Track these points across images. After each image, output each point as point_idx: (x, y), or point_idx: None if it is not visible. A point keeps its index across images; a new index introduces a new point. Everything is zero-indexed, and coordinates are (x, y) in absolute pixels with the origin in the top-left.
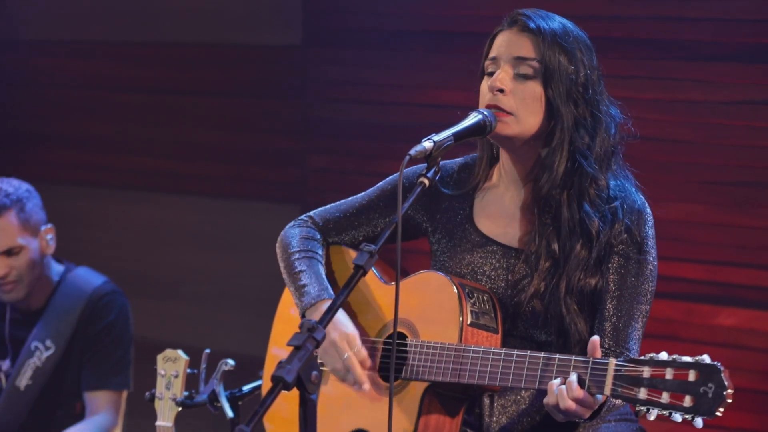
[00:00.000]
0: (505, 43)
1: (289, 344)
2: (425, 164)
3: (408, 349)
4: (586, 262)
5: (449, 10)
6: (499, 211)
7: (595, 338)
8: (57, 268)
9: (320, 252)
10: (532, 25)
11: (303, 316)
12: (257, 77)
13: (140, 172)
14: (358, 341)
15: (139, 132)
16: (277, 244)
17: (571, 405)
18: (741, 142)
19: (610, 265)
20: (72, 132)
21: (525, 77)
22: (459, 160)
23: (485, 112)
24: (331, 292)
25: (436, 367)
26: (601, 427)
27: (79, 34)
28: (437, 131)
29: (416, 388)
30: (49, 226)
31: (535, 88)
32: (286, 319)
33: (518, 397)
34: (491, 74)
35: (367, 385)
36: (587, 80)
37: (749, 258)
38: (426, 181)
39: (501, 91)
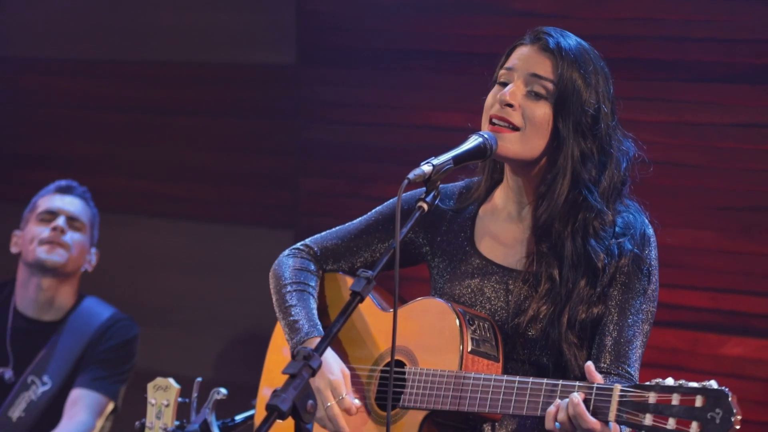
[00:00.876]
0: (524, 58)
1: (284, 372)
2: (424, 188)
3: (406, 377)
4: (590, 297)
5: (446, 29)
6: (501, 234)
7: (590, 364)
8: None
9: (313, 284)
10: (553, 45)
11: (293, 353)
12: (249, 97)
13: (127, 194)
14: (342, 389)
15: (126, 153)
16: (270, 275)
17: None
18: (748, 166)
19: (612, 282)
20: (57, 152)
21: (537, 96)
22: (460, 183)
23: (485, 135)
24: (321, 329)
25: (435, 395)
26: None
27: (65, 52)
28: (435, 154)
29: (414, 417)
30: (96, 250)
31: (546, 110)
32: (280, 350)
33: (519, 425)
34: (503, 85)
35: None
36: (599, 113)
37: (757, 285)
38: (425, 206)
39: (510, 105)
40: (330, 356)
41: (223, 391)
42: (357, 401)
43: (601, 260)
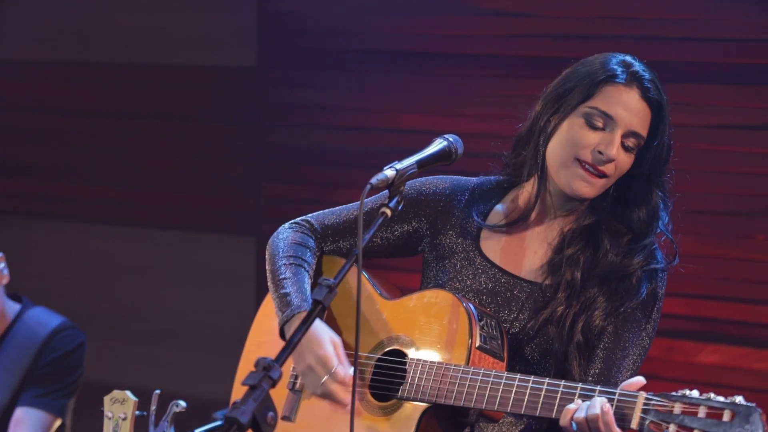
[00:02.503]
0: (626, 108)
1: (244, 384)
2: (428, 176)
3: (407, 368)
4: (605, 312)
5: (414, 29)
6: (514, 241)
7: (642, 379)
8: (12, 306)
9: (310, 260)
10: (655, 97)
11: (282, 327)
12: (210, 100)
13: (85, 201)
14: (333, 361)
15: (84, 158)
16: (267, 247)
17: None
18: (725, 169)
19: (623, 307)
20: (11, 159)
21: (627, 149)
22: (474, 180)
23: (450, 138)
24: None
25: (439, 389)
26: None
27: (19, 54)
28: (403, 157)
29: (414, 409)
30: (1, 254)
31: (631, 160)
32: (265, 328)
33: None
34: (593, 127)
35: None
36: (669, 158)
37: (733, 292)
38: (388, 212)
39: (611, 161)
40: (318, 328)
41: (182, 403)
42: (350, 370)
43: (634, 288)
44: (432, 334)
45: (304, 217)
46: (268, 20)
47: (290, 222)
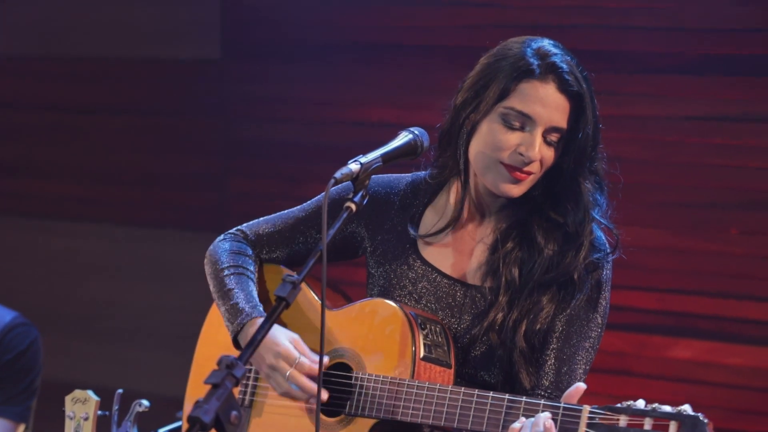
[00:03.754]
0: (544, 105)
1: (206, 382)
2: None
3: (354, 382)
4: (550, 311)
5: (378, 20)
6: (453, 243)
7: (582, 385)
8: None
9: (252, 268)
10: (574, 89)
11: (235, 337)
12: (173, 94)
13: (45, 198)
14: (294, 354)
15: (45, 154)
16: (206, 260)
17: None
18: (694, 161)
19: (570, 301)
20: None
21: (550, 143)
22: (407, 176)
23: (416, 131)
24: (262, 310)
25: (385, 404)
26: None
27: None
28: (366, 151)
29: (362, 425)
30: None
31: (555, 153)
32: (212, 341)
33: None
34: (511, 128)
35: (325, 395)
36: (598, 143)
37: (704, 285)
38: (353, 207)
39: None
40: (273, 329)
41: (145, 403)
42: (316, 357)
43: (577, 286)
44: (376, 347)
45: (237, 227)
46: (230, 13)
47: (224, 234)
